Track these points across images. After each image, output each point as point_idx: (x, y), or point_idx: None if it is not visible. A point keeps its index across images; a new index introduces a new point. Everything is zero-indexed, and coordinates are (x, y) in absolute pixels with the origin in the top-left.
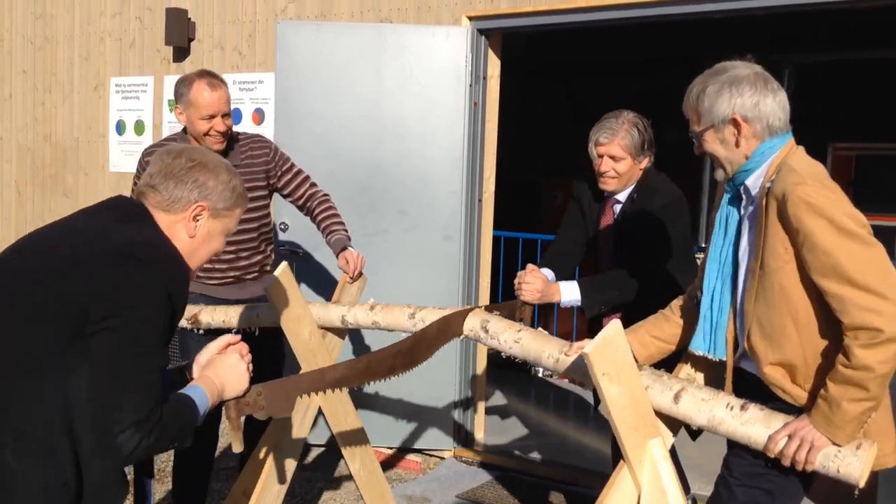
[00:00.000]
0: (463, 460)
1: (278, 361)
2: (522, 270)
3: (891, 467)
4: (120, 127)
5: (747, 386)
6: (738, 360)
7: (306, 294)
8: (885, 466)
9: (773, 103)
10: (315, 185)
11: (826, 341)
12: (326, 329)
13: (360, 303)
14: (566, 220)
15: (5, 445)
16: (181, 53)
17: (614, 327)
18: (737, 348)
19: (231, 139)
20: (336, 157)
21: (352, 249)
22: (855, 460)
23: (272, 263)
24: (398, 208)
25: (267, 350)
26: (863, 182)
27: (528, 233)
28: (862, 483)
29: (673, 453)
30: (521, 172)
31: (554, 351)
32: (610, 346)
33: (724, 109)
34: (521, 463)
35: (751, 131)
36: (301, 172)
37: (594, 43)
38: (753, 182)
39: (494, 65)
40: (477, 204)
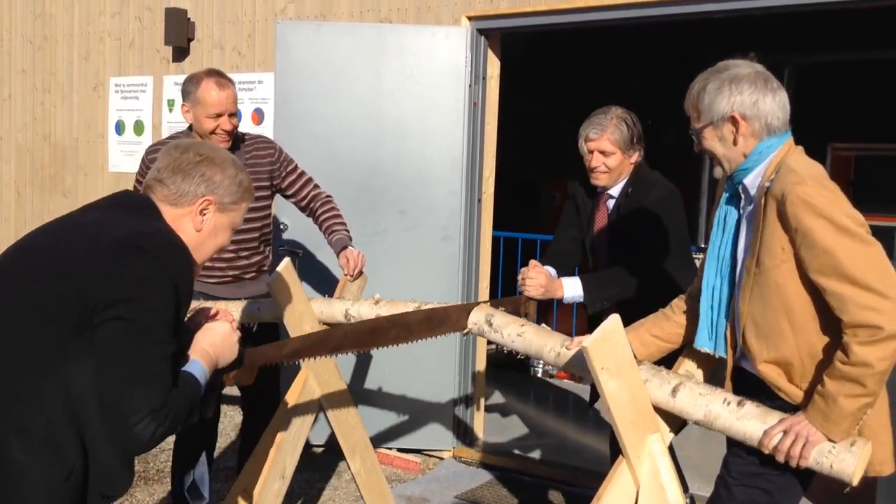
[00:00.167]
0: (462, 460)
1: None
2: (525, 266)
3: (887, 475)
4: (119, 127)
5: (747, 385)
6: (738, 360)
7: (307, 294)
8: (881, 474)
9: (773, 102)
10: (318, 187)
11: (821, 340)
12: (328, 325)
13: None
14: (563, 220)
15: (10, 442)
16: (181, 53)
17: (613, 321)
18: (736, 347)
19: (236, 139)
20: (336, 158)
21: (352, 248)
22: (849, 457)
23: (270, 264)
24: (398, 208)
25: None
26: (862, 182)
27: (528, 233)
28: (855, 481)
29: (672, 453)
30: (521, 173)
31: (556, 345)
32: (609, 340)
33: (724, 107)
34: (521, 463)
35: (749, 130)
36: (304, 174)
37: (593, 43)
38: (752, 181)
39: (494, 65)
40: (476, 204)
